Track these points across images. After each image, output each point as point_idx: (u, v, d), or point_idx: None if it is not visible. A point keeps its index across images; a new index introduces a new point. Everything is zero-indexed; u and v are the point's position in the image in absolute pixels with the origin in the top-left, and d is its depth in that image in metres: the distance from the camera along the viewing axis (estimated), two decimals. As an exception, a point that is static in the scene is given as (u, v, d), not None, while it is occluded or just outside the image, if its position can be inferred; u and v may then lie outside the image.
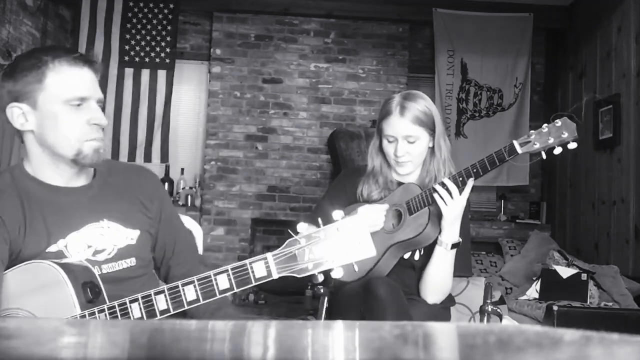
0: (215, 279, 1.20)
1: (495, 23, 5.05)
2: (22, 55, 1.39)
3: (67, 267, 1.28)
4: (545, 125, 1.65)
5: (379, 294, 1.64)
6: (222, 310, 1.48)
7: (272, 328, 0.66)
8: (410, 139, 1.83)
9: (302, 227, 1.12)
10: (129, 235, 1.44)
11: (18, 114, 1.32)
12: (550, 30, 5.33)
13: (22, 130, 1.35)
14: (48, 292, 1.25)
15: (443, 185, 1.75)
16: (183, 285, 1.22)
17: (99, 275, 1.35)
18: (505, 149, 1.68)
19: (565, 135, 1.62)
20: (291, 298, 4.88)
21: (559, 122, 1.64)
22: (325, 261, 1.11)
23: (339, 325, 0.81)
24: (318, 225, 1.08)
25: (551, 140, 1.63)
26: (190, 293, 1.21)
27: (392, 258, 1.86)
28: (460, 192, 1.75)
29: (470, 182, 1.74)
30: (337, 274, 1.09)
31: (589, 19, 4.69)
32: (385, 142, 1.88)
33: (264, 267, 1.16)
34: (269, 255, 1.16)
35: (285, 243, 1.16)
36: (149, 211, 1.49)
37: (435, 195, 1.76)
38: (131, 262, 1.43)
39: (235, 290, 1.19)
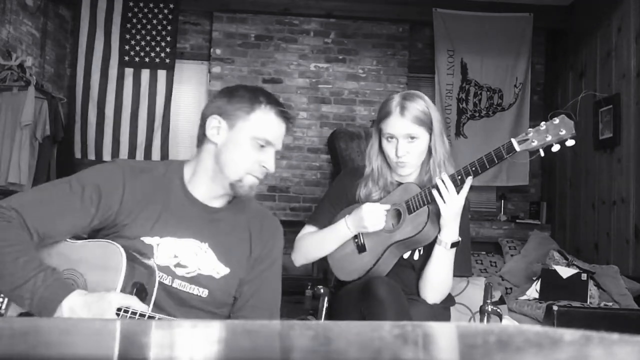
0: None
1: (495, 23, 5.05)
2: (244, 86, 1.55)
3: (132, 261, 1.35)
4: (543, 123, 1.65)
5: (379, 294, 1.63)
6: None
7: (271, 328, 0.66)
8: (410, 139, 1.83)
9: None
10: (217, 269, 1.49)
11: (214, 125, 1.47)
12: (550, 30, 5.33)
13: (208, 139, 1.48)
14: (103, 271, 1.34)
15: (442, 181, 1.75)
16: None
17: (168, 286, 1.41)
18: (504, 147, 1.68)
19: (563, 132, 1.62)
20: (291, 298, 4.87)
21: (556, 120, 1.64)
22: None
23: (338, 325, 0.81)
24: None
25: (549, 138, 1.63)
26: None
27: (391, 258, 1.86)
28: (459, 190, 1.75)
29: (469, 181, 1.74)
30: None
31: (589, 19, 4.69)
32: (384, 142, 1.88)
33: None
34: None
35: None
36: (251, 256, 1.54)
37: (434, 193, 1.76)
38: (203, 292, 1.47)
39: None
